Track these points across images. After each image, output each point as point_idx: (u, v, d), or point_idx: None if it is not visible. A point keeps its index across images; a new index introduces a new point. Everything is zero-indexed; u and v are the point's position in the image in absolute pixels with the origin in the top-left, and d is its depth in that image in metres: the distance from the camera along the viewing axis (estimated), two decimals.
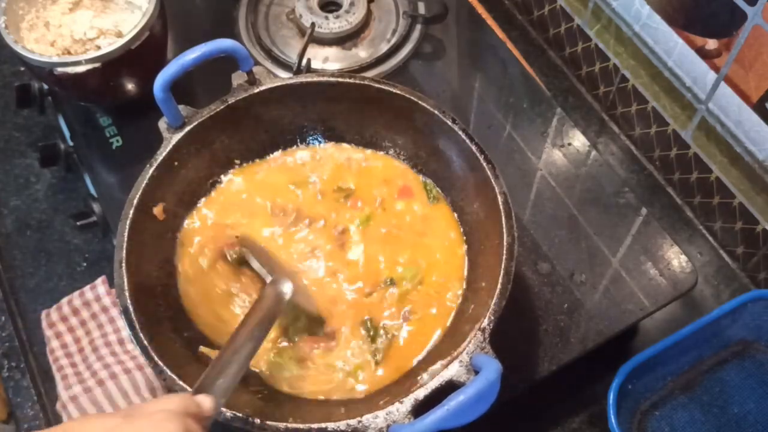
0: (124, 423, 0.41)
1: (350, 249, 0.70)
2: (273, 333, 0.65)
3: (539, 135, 0.86)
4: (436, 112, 0.68)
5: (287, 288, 0.64)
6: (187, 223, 0.70)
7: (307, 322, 0.67)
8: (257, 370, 0.64)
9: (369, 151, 0.75)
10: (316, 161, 0.75)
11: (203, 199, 0.72)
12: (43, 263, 0.85)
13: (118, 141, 0.85)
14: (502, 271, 0.59)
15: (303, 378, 0.64)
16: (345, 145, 0.75)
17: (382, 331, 0.65)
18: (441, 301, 0.66)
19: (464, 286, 0.67)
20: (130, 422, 0.41)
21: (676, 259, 0.76)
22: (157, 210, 0.67)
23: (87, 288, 0.80)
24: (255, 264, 0.67)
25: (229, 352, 0.55)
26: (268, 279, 0.64)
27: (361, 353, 0.64)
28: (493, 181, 0.64)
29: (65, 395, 0.72)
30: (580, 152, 0.85)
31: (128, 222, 0.63)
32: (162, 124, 0.68)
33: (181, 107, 0.68)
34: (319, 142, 0.75)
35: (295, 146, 0.75)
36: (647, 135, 0.91)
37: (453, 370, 0.55)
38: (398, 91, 0.69)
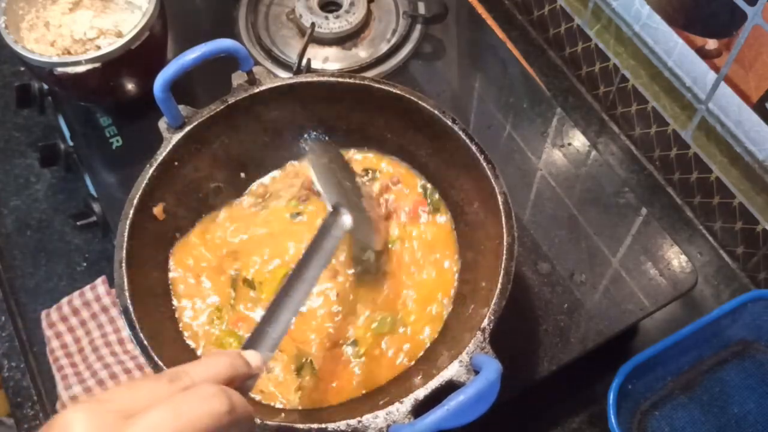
0: (172, 396, 0.39)
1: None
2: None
3: (539, 135, 0.86)
4: (436, 112, 0.68)
5: (347, 220, 0.60)
6: None
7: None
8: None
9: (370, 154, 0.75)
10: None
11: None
12: (43, 263, 0.85)
13: (118, 141, 0.85)
14: (502, 271, 0.59)
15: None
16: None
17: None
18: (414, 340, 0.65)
19: (450, 308, 0.66)
20: (176, 397, 0.39)
21: (676, 259, 0.76)
22: (157, 210, 0.66)
23: (87, 288, 0.80)
24: (317, 184, 0.63)
25: (282, 296, 0.53)
26: (329, 205, 0.61)
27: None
28: (493, 181, 0.64)
29: (65, 395, 0.72)
30: (580, 152, 0.85)
31: (128, 222, 0.63)
32: (162, 124, 0.68)
33: (181, 107, 0.67)
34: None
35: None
36: (647, 135, 0.91)
37: (453, 370, 0.55)
38: (398, 91, 0.69)
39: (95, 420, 0.36)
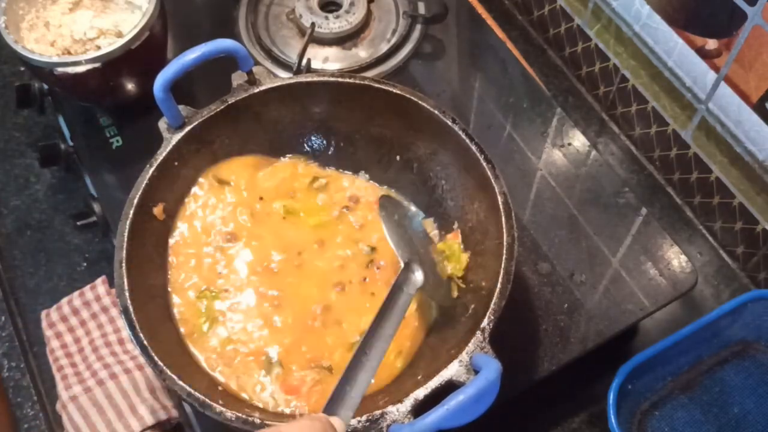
0: None
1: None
2: None
3: (539, 135, 0.86)
4: (436, 112, 0.68)
5: (419, 277, 0.60)
6: None
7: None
8: None
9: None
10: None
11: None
12: (43, 263, 0.85)
13: (118, 141, 0.85)
14: (502, 271, 0.59)
15: None
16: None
17: None
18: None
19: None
20: None
21: (676, 259, 0.76)
22: (157, 210, 0.66)
23: (87, 288, 0.80)
24: (390, 241, 0.63)
25: (360, 354, 0.53)
26: (402, 261, 0.61)
27: None
28: (493, 181, 0.64)
29: (65, 395, 0.72)
30: (580, 152, 0.85)
31: (128, 222, 0.63)
32: (162, 124, 0.68)
33: (181, 107, 0.68)
34: (318, 144, 0.75)
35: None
36: (647, 135, 0.91)
37: (453, 370, 0.55)
38: (398, 91, 0.69)
39: None
